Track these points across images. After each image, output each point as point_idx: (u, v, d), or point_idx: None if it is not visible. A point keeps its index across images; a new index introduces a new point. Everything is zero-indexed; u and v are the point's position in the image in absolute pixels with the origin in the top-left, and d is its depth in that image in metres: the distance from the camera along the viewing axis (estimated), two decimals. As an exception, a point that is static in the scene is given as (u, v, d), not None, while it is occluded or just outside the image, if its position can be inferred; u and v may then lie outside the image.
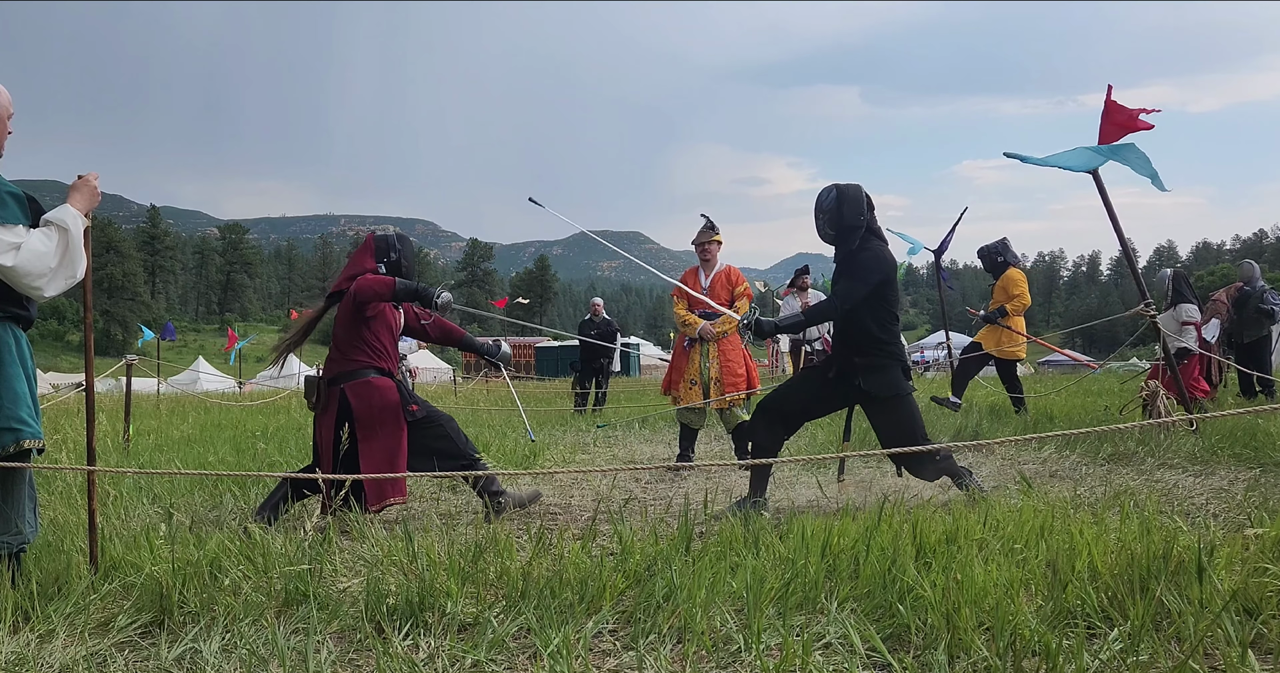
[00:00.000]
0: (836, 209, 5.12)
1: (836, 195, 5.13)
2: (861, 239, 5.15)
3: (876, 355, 5.08)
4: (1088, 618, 2.84)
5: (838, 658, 2.69)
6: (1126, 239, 7.68)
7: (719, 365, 7.37)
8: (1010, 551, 3.47)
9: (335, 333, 5.30)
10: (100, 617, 3.23)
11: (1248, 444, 6.29)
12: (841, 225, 5.12)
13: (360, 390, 5.11)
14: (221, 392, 25.87)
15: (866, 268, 5.08)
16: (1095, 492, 5.02)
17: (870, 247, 5.17)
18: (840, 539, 3.62)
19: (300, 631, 3.05)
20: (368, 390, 5.11)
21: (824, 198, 5.18)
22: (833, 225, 5.15)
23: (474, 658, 2.77)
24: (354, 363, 5.18)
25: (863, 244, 5.15)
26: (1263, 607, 2.77)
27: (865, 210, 5.15)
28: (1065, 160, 6.94)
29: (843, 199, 5.12)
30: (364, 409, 5.09)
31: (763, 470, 5.30)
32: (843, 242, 5.17)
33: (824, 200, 5.17)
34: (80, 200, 3.58)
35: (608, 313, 16.56)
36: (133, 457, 7.92)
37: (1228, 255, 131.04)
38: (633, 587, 3.29)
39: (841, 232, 5.14)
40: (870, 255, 5.13)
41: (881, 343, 5.10)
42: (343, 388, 5.13)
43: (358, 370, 5.16)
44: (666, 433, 10.32)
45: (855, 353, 5.10)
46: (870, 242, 5.18)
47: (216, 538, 3.98)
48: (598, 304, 15.69)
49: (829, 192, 5.19)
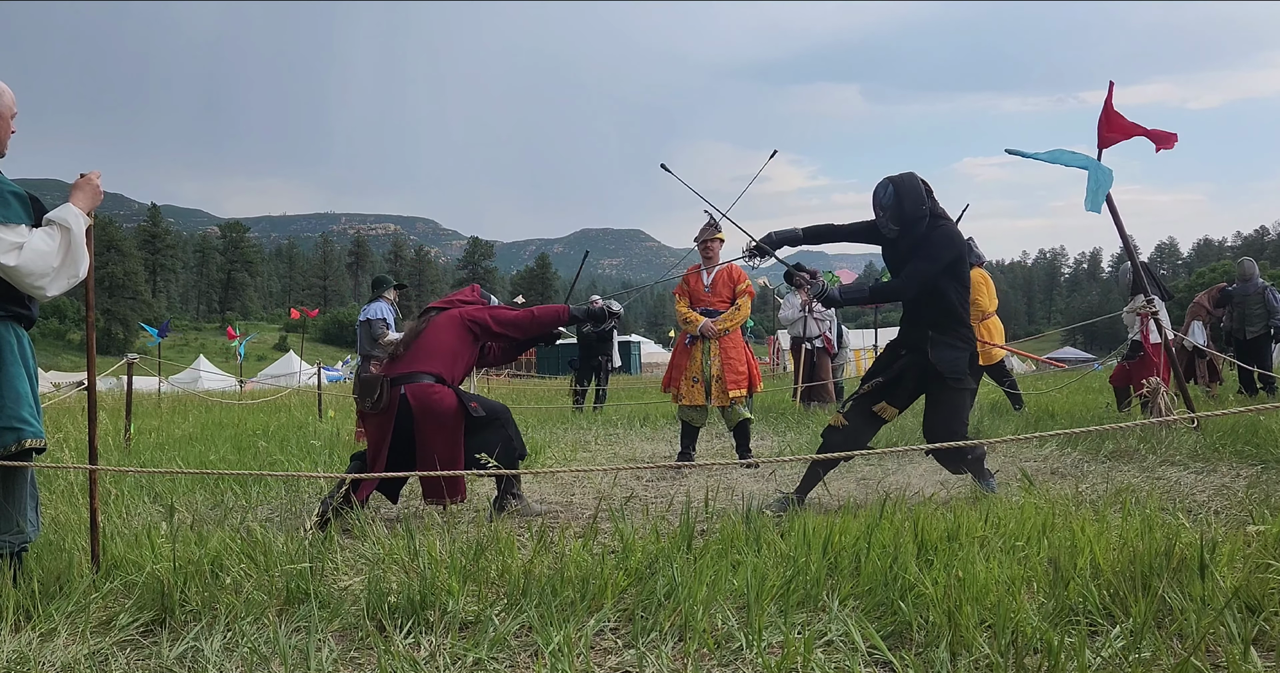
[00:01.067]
0: (897, 204, 5.04)
1: (894, 191, 5.05)
2: (929, 225, 5.08)
3: (950, 335, 5.05)
4: (1089, 615, 2.84)
5: (839, 656, 2.69)
6: (1128, 236, 7.68)
7: (720, 363, 7.37)
8: (1012, 548, 3.47)
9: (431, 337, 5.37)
10: (102, 616, 3.24)
11: (1249, 441, 6.28)
12: (904, 219, 5.05)
13: (420, 393, 5.12)
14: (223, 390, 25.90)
15: (939, 246, 5.02)
16: (1097, 489, 5.02)
17: (940, 227, 5.10)
18: (842, 537, 3.62)
19: (302, 629, 3.05)
20: (427, 394, 5.13)
21: (881, 194, 5.10)
22: (896, 220, 5.08)
23: (475, 656, 2.77)
24: (424, 372, 5.22)
25: (931, 225, 5.09)
26: (1265, 604, 2.76)
27: (925, 198, 5.07)
28: (1065, 157, 6.95)
29: (901, 193, 5.04)
30: (424, 413, 5.09)
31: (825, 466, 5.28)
32: (908, 232, 5.10)
33: (882, 197, 5.10)
34: (82, 199, 3.58)
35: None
36: (134, 455, 7.92)
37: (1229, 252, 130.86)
38: (634, 585, 3.29)
39: (906, 224, 5.07)
40: (941, 234, 5.06)
41: (957, 322, 5.08)
42: (404, 390, 5.14)
43: (421, 374, 5.20)
44: (668, 431, 10.32)
45: (930, 328, 5.06)
46: (938, 223, 5.11)
47: (218, 536, 3.99)
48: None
49: (885, 187, 5.10)
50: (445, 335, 5.39)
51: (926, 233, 5.08)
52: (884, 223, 5.15)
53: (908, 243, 5.14)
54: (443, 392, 5.19)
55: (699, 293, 7.59)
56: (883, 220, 5.15)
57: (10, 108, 3.56)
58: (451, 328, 5.44)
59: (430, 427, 5.09)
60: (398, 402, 5.13)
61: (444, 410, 5.12)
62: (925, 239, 5.07)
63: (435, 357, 5.28)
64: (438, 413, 5.11)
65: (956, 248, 5.08)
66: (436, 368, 5.25)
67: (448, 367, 5.31)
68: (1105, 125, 7.13)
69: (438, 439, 5.10)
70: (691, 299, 7.63)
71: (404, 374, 5.21)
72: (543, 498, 5.84)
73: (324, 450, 7.92)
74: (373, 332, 9.56)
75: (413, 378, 5.18)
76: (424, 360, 5.26)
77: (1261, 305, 11.73)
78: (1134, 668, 2.43)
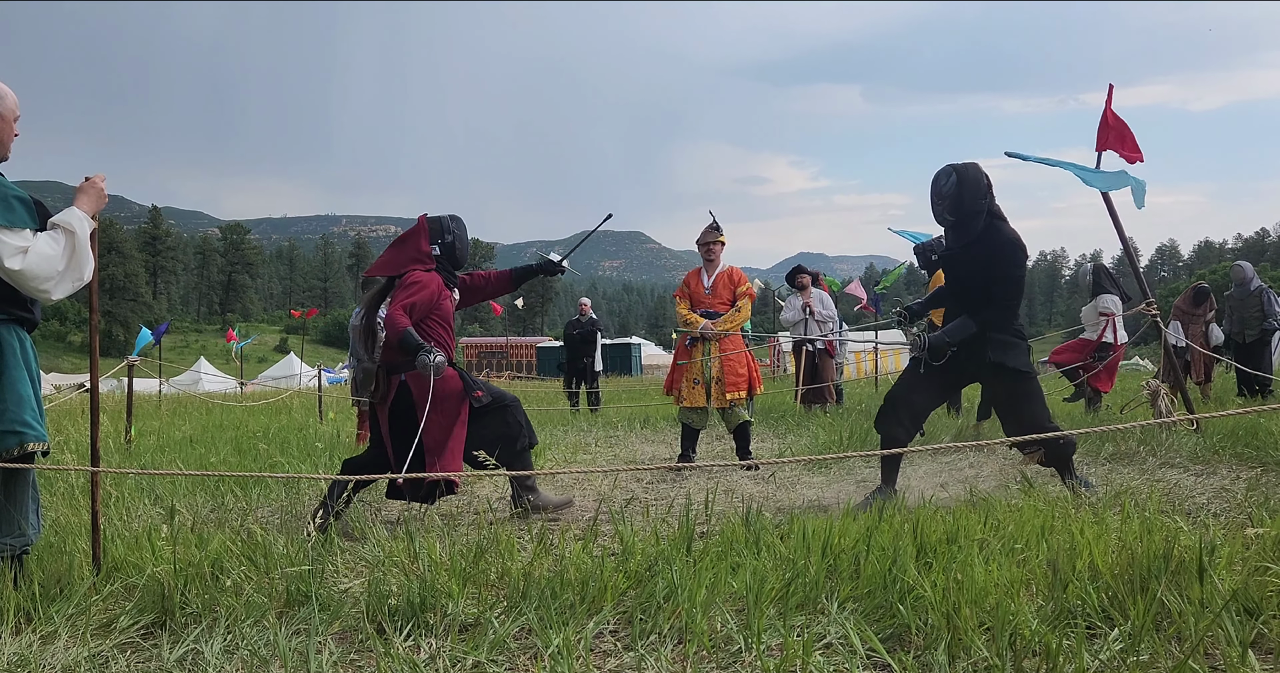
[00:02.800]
0: (957, 194, 4.91)
1: (957, 179, 4.92)
2: (986, 224, 4.97)
3: (1007, 331, 4.98)
4: (1088, 618, 2.84)
5: (838, 658, 2.69)
6: (1128, 238, 7.68)
7: (721, 365, 7.38)
8: (1011, 550, 3.47)
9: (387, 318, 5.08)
10: (102, 618, 3.24)
11: (1249, 444, 6.29)
12: (962, 211, 4.94)
13: (420, 379, 4.94)
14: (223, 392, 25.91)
15: (1016, 254, 4.95)
16: (1097, 491, 5.02)
17: (1002, 231, 4.98)
18: (841, 539, 3.62)
19: (302, 631, 3.06)
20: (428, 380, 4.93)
21: (943, 182, 4.96)
22: (953, 211, 4.95)
23: (475, 659, 2.77)
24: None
25: (992, 229, 4.97)
26: (1263, 607, 2.77)
27: (986, 192, 4.95)
28: (1063, 164, 6.96)
29: (963, 182, 4.91)
30: (424, 398, 4.92)
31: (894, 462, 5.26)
32: (963, 227, 4.99)
33: (943, 184, 4.96)
34: (87, 202, 3.59)
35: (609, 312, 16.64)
36: (134, 457, 7.93)
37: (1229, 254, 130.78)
38: (634, 587, 3.30)
39: (962, 217, 4.96)
40: (1010, 241, 4.96)
41: (1013, 320, 5.02)
42: (403, 377, 5.01)
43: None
44: (668, 433, 10.33)
45: (989, 328, 4.95)
46: (995, 224, 5.00)
47: (218, 539, 4.00)
48: (584, 304, 15.77)
49: (948, 175, 4.96)
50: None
51: (984, 232, 4.97)
52: (939, 212, 5.03)
53: (961, 238, 5.04)
54: (446, 375, 4.99)
55: (699, 295, 7.61)
56: (939, 209, 5.02)
57: (13, 111, 3.57)
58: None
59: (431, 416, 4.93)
60: (396, 389, 5.01)
61: (449, 396, 4.96)
62: (991, 246, 4.95)
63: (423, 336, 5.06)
64: (438, 399, 4.92)
65: (1023, 251, 5.00)
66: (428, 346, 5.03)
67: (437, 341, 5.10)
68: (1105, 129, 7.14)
69: (436, 427, 4.95)
70: (692, 301, 7.64)
71: (402, 361, 5.03)
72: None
73: (325, 452, 7.93)
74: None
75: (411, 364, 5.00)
76: None
77: (1259, 308, 11.74)
78: (1132, 671, 2.44)
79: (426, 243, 5.28)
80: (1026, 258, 5.04)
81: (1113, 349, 9.84)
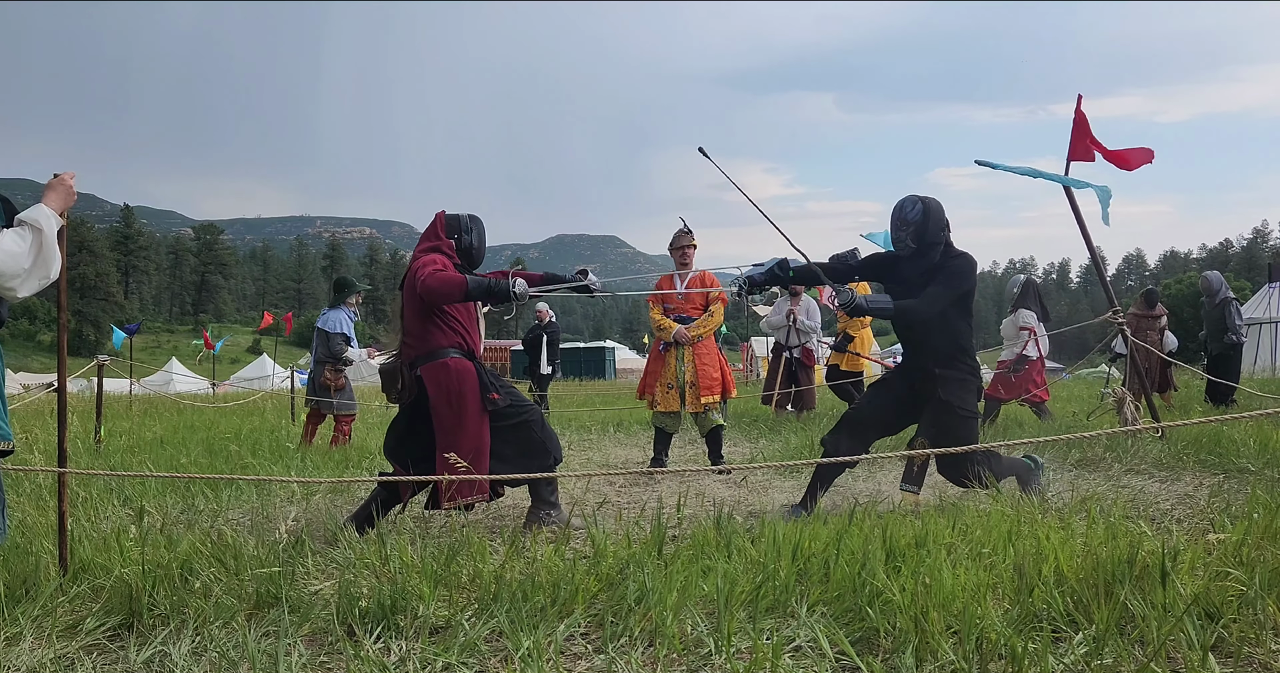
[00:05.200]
0: (923, 223, 5.08)
1: (923, 209, 5.09)
2: (944, 252, 5.15)
3: (958, 369, 5.11)
4: (1054, 622, 2.88)
5: (807, 661, 2.71)
6: (1096, 247, 7.77)
7: (694, 369, 7.40)
8: (978, 555, 3.50)
9: (405, 317, 4.96)
10: (68, 619, 3.22)
11: (1212, 451, 6.38)
12: (924, 240, 5.10)
13: (436, 374, 4.77)
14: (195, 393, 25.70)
15: (959, 274, 5.08)
16: (1063, 497, 5.07)
17: (959, 256, 5.16)
18: (811, 543, 3.64)
19: (271, 634, 3.05)
20: (444, 374, 4.77)
21: (909, 210, 5.13)
22: (916, 239, 5.11)
23: (445, 661, 2.77)
24: (431, 344, 4.85)
25: (950, 254, 5.15)
26: (1224, 611, 2.81)
27: (946, 226, 5.16)
28: (1032, 171, 7.03)
29: (928, 214, 5.09)
30: (439, 395, 4.73)
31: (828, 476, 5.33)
32: (922, 255, 5.14)
33: (909, 213, 5.12)
34: (55, 200, 3.56)
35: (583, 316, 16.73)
36: (104, 458, 7.86)
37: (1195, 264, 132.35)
38: (605, 590, 3.31)
39: (923, 246, 5.12)
40: (963, 263, 5.13)
41: (964, 354, 5.15)
42: (419, 371, 4.80)
43: (435, 351, 4.82)
44: (641, 437, 10.34)
45: (936, 364, 5.10)
46: (953, 254, 5.18)
47: (188, 540, 3.97)
48: (540, 310, 15.88)
49: (914, 205, 5.13)
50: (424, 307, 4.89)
51: (941, 261, 5.14)
52: (902, 238, 5.17)
53: (918, 268, 5.17)
54: (463, 368, 4.80)
55: (672, 299, 7.63)
56: (902, 236, 5.17)
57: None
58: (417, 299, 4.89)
59: (443, 414, 4.72)
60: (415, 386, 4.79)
61: (465, 393, 4.75)
62: (942, 268, 5.11)
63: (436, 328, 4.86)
64: (455, 397, 4.72)
65: (972, 280, 5.16)
66: (445, 342, 4.86)
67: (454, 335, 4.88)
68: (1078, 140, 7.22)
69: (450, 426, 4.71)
70: (665, 306, 7.67)
71: (421, 355, 4.82)
72: (515, 503, 5.84)
73: (297, 454, 7.89)
74: (331, 347, 9.17)
75: (431, 356, 4.81)
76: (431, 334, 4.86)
77: (1222, 320, 11.85)
78: (1095, 674, 2.47)
79: (444, 235, 5.07)
80: (974, 276, 5.18)
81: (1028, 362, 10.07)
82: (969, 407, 5.13)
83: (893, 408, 5.31)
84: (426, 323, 4.88)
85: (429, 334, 4.87)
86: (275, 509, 5.47)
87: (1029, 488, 5.16)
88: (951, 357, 5.12)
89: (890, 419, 5.40)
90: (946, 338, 5.11)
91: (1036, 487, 5.20)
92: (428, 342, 4.86)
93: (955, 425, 5.07)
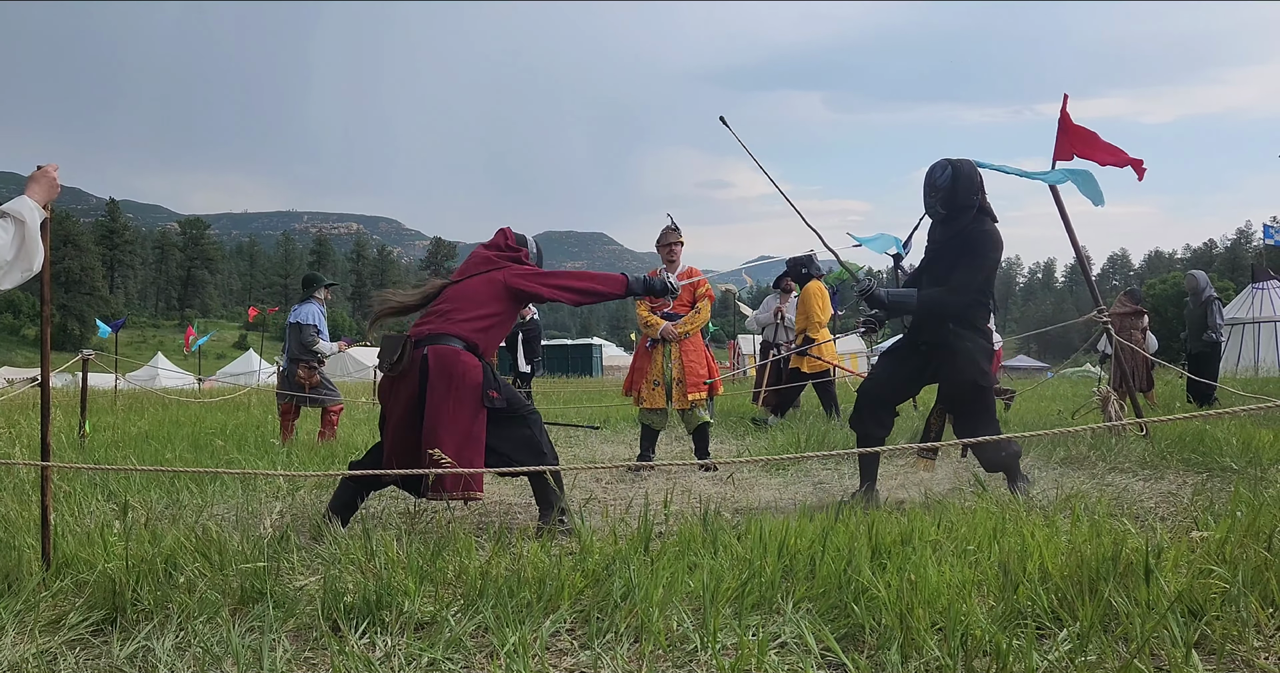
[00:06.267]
0: (951, 187, 4.97)
1: (952, 172, 4.98)
2: (974, 218, 5.03)
3: (971, 337, 5.05)
4: (1038, 619, 2.89)
5: (792, 658, 2.71)
6: (1081, 247, 7.80)
7: (681, 366, 7.40)
8: (963, 552, 3.52)
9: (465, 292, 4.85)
10: (51, 614, 3.20)
11: (1196, 449, 6.41)
12: (955, 204, 5.00)
13: (444, 355, 4.62)
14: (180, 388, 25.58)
15: (982, 253, 4.99)
16: (1047, 495, 5.09)
17: (986, 225, 5.04)
18: (797, 540, 3.65)
19: (255, 629, 3.03)
20: (452, 358, 4.62)
21: (938, 174, 5.02)
22: (945, 204, 5.01)
23: (431, 657, 2.77)
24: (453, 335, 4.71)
25: (978, 223, 5.02)
26: (1207, 608, 2.83)
27: (978, 188, 5.02)
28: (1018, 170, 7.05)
29: (958, 176, 4.98)
30: (442, 376, 4.57)
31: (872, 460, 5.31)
32: (952, 220, 5.03)
33: (938, 177, 5.01)
34: (38, 192, 3.53)
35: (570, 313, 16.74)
36: (88, 453, 7.82)
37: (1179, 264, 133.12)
38: (591, 586, 3.31)
39: (954, 210, 5.02)
40: (987, 235, 5.01)
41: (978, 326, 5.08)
42: (426, 350, 4.64)
43: (450, 337, 4.70)
44: (628, 433, 10.34)
45: (950, 333, 5.02)
46: (984, 221, 5.06)
47: (172, 535, 3.95)
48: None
49: (943, 168, 5.02)
50: (483, 298, 4.81)
51: (971, 227, 5.02)
52: (932, 204, 5.08)
53: (949, 232, 5.08)
54: (470, 362, 4.66)
55: (660, 296, 7.62)
56: (931, 201, 5.08)
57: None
58: (490, 291, 4.85)
59: (440, 396, 4.55)
60: (419, 364, 4.61)
61: (465, 383, 4.59)
62: (970, 236, 5.00)
63: (468, 321, 4.75)
64: (457, 383, 4.58)
65: (995, 256, 5.05)
66: (467, 333, 4.73)
67: (481, 335, 4.77)
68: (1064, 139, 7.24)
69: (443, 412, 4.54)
70: (652, 303, 7.66)
71: (430, 335, 4.69)
72: (501, 499, 5.83)
73: (282, 450, 7.86)
74: (303, 338, 9.14)
75: (439, 340, 4.68)
76: (454, 323, 4.74)
77: (1203, 319, 11.95)
78: (1080, 671, 2.48)
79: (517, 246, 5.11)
80: (999, 252, 5.08)
81: None
82: (986, 372, 5.11)
83: (906, 377, 5.33)
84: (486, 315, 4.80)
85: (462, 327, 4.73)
86: (260, 505, 5.45)
87: (1015, 486, 5.17)
88: (965, 325, 5.05)
89: (906, 388, 5.45)
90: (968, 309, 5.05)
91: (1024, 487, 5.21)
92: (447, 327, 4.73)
93: (977, 394, 5.06)
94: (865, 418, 5.29)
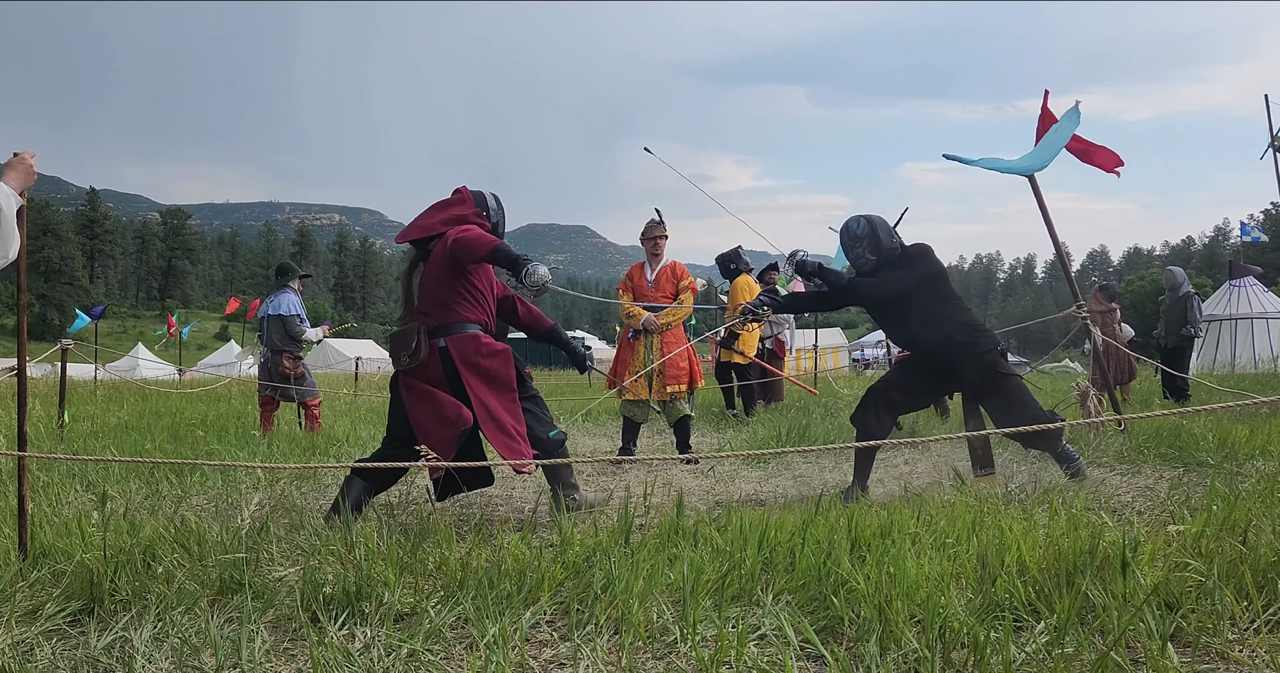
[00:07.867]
0: (873, 234, 5.38)
1: (868, 223, 5.41)
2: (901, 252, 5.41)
3: (974, 340, 5.26)
4: (1016, 611, 2.91)
5: (772, 649, 2.73)
6: (1061, 243, 7.84)
7: (661, 357, 7.41)
8: (942, 545, 3.54)
9: (425, 283, 4.69)
10: (28, 605, 3.17)
11: (1173, 444, 6.46)
12: (880, 248, 5.38)
13: (468, 345, 4.54)
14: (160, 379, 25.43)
15: (915, 259, 5.34)
16: (1026, 488, 5.13)
17: (914, 246, 5.43)
18: (777, 533, 3.66)
19: (234, 620, 3.02)
20: (476, 344, 4.55)
21: (857, 228, 5.42)
22: (873, 250, 5.39)
23: (410, 648, 2.76)
24: (455, 315, 4.61)
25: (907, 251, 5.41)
26: (1182, 601, 2.85)
27: (893, 232, 5.45)
28: (1000, 163, 7.08)
29: (874, 225, 5.40)
30: (475, 365, 4.50)
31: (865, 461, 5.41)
32: (884, 264, 5.39)
33: (857, 230, 5.42)
34: (14, 178, 3.49)
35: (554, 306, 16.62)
36: (67, 443, 7.76)
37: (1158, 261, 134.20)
38: (571, 578, 3.31)
39: (881, 254, 5.39)
40: (916, 250, 5.40)
41: (972, 327, 5.32)
42: (444, 342, 4.54)
43: (460, 324, 4.60)
44: (609, 426, 10.35)
45: (955, 347, 5.25)
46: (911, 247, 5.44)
47: (151, 526, 3.93)
48: None
49: (858, 221, 5.44)
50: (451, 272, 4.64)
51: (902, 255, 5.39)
52: (860, 254, 5.43)
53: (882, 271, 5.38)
54: (492, 345, 4.60)
55: (642, 288, 7.64)
56: (859, 252, 5.43)
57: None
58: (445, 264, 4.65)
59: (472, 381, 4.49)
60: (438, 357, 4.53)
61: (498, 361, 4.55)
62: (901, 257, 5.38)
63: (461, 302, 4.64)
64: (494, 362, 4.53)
65: (931, 263, 5.37)
66: (477, 315, 4.65)
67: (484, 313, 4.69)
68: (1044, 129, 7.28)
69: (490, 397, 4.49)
70: (635, 295, 7.67)
71: (441, 326, 4.59)
72: (482, 491, 5.82)
73: (263, 441, 7.83)
74: (289, 329, 9.09)
75: (452, 329, 4.58)
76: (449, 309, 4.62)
77: (1183, 314, 12.05)
78: (1057, 663, 2.50)
79: (473, 209, 4.82)
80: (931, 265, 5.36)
81: None
82: (1003, 364, 5.33)
83: (919, 388, 5.51)
84: (452, 294, 4.63)
85: (454, 306, 4.63)
86: (240, 495, 5.43)
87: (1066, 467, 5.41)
88: (962, 335, 5.26)
89: (916, 398, 5.66)
90: (952, 321, 5.28)
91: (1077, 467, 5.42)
92: (451, 314, 4.62)
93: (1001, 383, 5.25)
94: (868, 416, 5.41)
